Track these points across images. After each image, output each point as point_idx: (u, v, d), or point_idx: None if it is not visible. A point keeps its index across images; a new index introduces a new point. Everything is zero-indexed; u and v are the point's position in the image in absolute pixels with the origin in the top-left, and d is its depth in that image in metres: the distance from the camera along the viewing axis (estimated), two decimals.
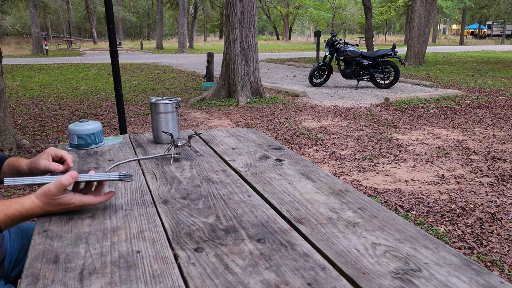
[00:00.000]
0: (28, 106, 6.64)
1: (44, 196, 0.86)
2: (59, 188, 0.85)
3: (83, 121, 1.40)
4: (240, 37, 6.84)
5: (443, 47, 30.58)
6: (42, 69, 13.00)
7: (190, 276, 0.66)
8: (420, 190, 3.15)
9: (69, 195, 0.87)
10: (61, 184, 0.85)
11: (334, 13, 25.43)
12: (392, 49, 8.45)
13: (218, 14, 43.27)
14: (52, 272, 0.67)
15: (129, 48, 31.34)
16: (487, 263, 2.16)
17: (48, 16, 38.93)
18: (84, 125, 1.38)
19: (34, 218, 0.89)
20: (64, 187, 0.86)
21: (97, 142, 1.41)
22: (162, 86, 9.20)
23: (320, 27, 35.87)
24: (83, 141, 1.37)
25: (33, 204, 0.86)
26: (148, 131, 4.97)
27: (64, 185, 0.86)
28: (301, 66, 14.35)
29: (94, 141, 1.40)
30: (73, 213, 0.91)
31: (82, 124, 1.38)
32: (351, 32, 54.12)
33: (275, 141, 1.50)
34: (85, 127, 1.38)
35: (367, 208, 0.91)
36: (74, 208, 0.89)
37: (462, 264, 0.68)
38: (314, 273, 0.66)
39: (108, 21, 3.44)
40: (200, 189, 1.03)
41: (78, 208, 0.90)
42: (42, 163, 1.10)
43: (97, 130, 1.40)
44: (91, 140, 1.39)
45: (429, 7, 13.77)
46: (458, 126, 5.33)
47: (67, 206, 0.87)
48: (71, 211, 0.91)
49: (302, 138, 4.70)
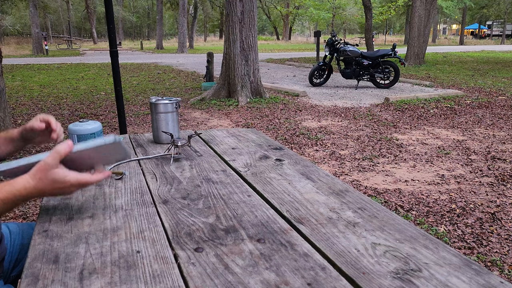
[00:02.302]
0: (28, 106, 6.64)
1: (38, 172, 0.82)
2: (54, 157, 0.82)
3: (83, 121, 1.40)
4: (240, 37, 6.84)
5: (443, 47, 30.58)
6: (42, 69, 13.00)
7: (190, 276, 0.66)
8: (420, 190, 3.15)
9: (63, 170, 0.83)
10: (57, 153, 0.82)
11: (334, 13, 25.45)
12: (392, 49, 8.45)
13: (218, 14, 43.27)
14: (52, 272, 0.67)
15: (129, 48, 31.34)
16: (487, 263, 2.16)
17: (48, 16, 38.93)
18: (84, 125, 1.38)
19: (29, 200, 0.84)
20: (60, 156, 0.82)
21: None
22: (162, 86, 9.20)
23: (320, 27, 35.90)
24: (83, 141, 1.37)
25: (26, 184, 0.81)
26: (148, 131, 4.97)
27: (59, 153, 0.82)
28: (301, 66, 14.35)
29: None
30: (73, 213, 0.91)
31: (82, 124, 1.38)
32: (351, 32, 54.11)
33: (275, 141, 1.50)
34: (85, 127, 1.38)
35: (367, 208, 0.91)
36: (70, 189, 0.84)
37: (462, 264, 0.68)
38: (314, 273, 0.66)
39: (108, 21, 3.44)
40: (200, 189, 1.03)
41: (74, 190, 0.85)
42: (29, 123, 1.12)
43: (97, 130, 1.40)
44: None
45: (429, 7, 13.77)
46: (458, 126, 5.33)
47: (62, 184, 0.83)
48: (70, 214, 0.91)
49: (302, 138, 4.70)
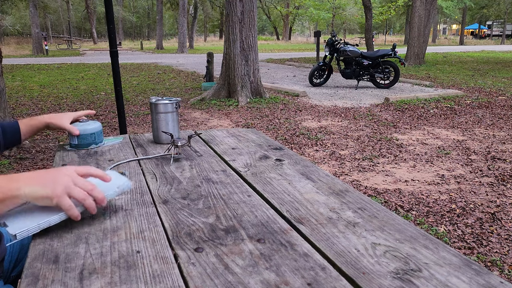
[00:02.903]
0: (28, 106, 6.64)
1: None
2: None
3: (83, 121, 1.39)
4: (240, 37, 6.84)
5: (443, 47, 30.58)
6: (42, 69, 13.00)
7: (190, 276, 0.66)
8: (420, 190, 3.15)
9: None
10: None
11: (334, 13, 25.46)
12: (392, 49, 8.45)
13: (218, 14, 43.27)
14: (52, 272, 0.67)
15: (129, 48, 31.34)
16: (487, 263, 2.16)
17: (48, 16, 38.93)
18: (84, 125, 1.38)
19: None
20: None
21: (97, 142, 1.40)
22: (162, 86, 9.20)
23: (320, 27, 35.90)
24: (83, 141, 1.37)
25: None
26: (148, 131, 4.97)
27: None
28: (301, 66, 14.35)
29: (94, 141, 1.39)
30: None
31: (82, 124, 1.38)
32: (351, 32, 54.11)
33: (275, 141, 1.50)
34: (85, 127, 1.37)
35: (367, 208, 0.91)
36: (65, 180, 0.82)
37: (462, 264, 0.68)
38: (314, 273, 0.66)
39: (108, 21, 3.44)
40: (200, 189, 1.03)
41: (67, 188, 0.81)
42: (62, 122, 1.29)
43: (97, 130, 1.40)
44: (91, 140, 1.38)
45: (429, 7, 13.77)
46: (458, 126, 5.33)
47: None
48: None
49: (302, 138, 4.70)
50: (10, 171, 3.63)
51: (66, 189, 0.79)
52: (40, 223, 0.76)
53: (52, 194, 0.77)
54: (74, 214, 0.79)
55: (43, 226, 0.77)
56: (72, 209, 0.78)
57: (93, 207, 0.81)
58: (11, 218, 0.79)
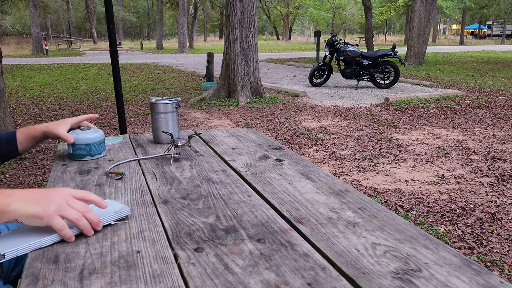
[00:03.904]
0: (28, 106, 6.64)
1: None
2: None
3: (85, 129, 1.26)
4: (240, 37, 6.84)
5: (443, 47, 30.58)
6: (42, 69, 13.00)
7: (190, 276, 0.66)
8: (420, 190, 3.15)
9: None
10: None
11: (334, 13, 25.46)
12: (392, 49, 8.45)
13: (218, 14, 43.28)
14: (52, 272, 0.67)
15: (129, 48, 31.35)
16: (487, 263, 2.16)
17: (48, 16, 38.95)
18: (83, 133, 1.24)
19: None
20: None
21: (93, 154, 1.26)
22: (162, 86, 9.20)
23: (320, 27, 35.91)
24: (77, 151, 1.24)
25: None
26: (148, 131, 4.97)
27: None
28: (301, 66, 14.35)
29: (90, 153, 1.25)
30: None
31: (82, 133, 1.24)
32: (351, 32, 54.12)
33: (275, 141, 1.50)
34: (82, 136, 1.23)
35: (367, 208, 0.91)
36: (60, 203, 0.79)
37: (462, 264, 0.68)
38: (314, 273, 0.66)
39: (108, 21, 3.44)
40: (200, 189, 1.03)
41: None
42: (58, 130, 1.20)
43: (94, 141, 1.25)
44: (85, 152, 1.24)
45: (429, 7, 13.77)
46: (458, 126, 5.33)
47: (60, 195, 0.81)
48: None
49: (302, 138, 4.70)
50: (10, 171, 3.63)
51: (59, 209, 0.76)
52: (31, 243, 0.74)
53: (43, 213, 0.75)
54: (67, 234, 0.76)
55: (34, 247, 0.74)
56: (64, 229, 0.75)
57: (87, 228, 0.78)
58: (1, 236, 0.77)
